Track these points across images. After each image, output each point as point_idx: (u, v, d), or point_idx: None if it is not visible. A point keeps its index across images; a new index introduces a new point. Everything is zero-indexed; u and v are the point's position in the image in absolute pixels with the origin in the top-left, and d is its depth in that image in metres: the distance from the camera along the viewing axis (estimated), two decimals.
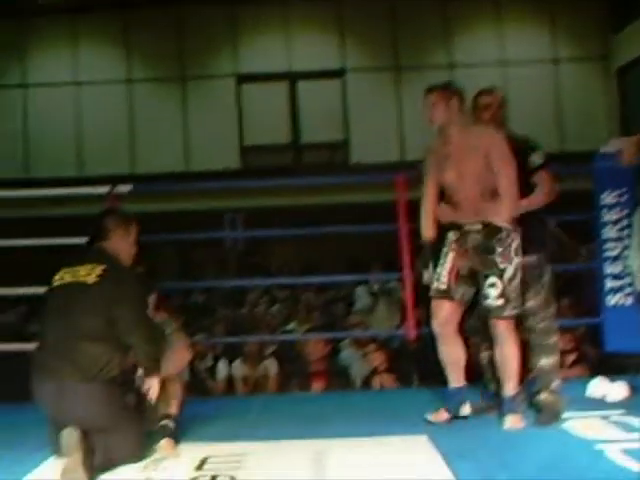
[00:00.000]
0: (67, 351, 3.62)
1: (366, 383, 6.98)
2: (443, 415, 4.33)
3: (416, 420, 4.32)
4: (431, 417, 4.33)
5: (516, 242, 4.22)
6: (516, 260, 4.21)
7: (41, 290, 4.06)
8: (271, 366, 7.62)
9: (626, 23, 14.63)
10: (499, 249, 4.17)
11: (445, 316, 4.31)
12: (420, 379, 6.85)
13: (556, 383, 4.42)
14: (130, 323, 3.74)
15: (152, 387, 3.83)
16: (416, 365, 6.97)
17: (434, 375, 4.62)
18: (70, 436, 3.42)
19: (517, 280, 4.22)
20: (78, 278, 3.76)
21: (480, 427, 4.16)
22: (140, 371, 3.82)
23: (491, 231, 4.21)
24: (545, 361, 4.41)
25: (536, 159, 4.48)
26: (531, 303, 4.39)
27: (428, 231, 4.44)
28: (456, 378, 4.37)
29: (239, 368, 7.66)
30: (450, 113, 4.39)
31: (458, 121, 4.37)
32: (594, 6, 15.31)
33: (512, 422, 4.16)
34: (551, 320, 4.47)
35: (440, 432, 4.05)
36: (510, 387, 4.24)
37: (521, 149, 4.41)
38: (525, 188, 4.34)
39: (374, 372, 6.90)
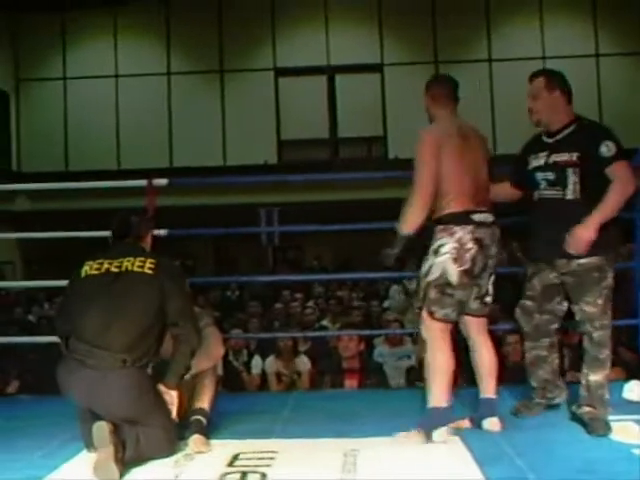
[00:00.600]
0: (112, 337, 3.64)
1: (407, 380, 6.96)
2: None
3: None
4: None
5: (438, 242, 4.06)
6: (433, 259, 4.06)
7: None
8: (304, 363, 7.61)
9: None
10: None
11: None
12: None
13: (605, 397, 4.16)
14: (182, 313, 3.82)
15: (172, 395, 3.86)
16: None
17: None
18: (101, 430, 3.42)
19: (430, 278, 4.05)
20: (129, 268, 3.80)
21: (514, 429, 4.11)
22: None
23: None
24: (594, 377, 4.13)
25: (604, 151, 4.08)
26: (588, 308, 4.14)
27: (414, 225, 4.08)
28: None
29: (272, 364, 7.65)
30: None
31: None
32: (637, 2, 15.12)
33: (492, 424, 4.09)
34: (607, 331, 4.15)
35: (473, 433, 4.01)
36: (492, 389, 4.18)
37: (588, 139, 4.16)
38: (598, 184, 4.07)
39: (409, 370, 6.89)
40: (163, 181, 6.00)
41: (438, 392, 3.98)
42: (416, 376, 6.52)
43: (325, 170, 13.28)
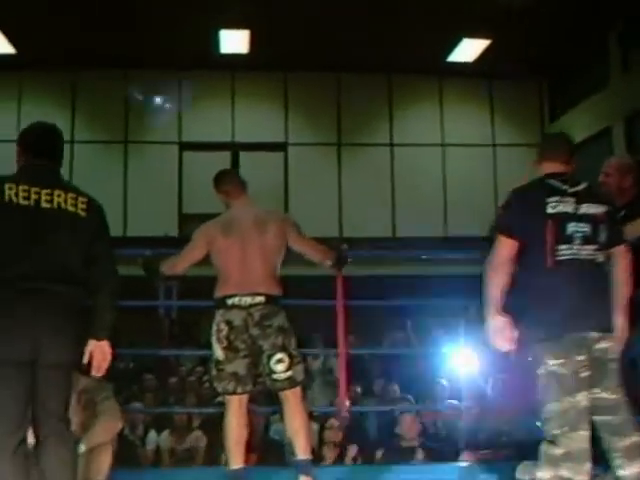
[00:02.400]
0: (48, 271, 3.47)
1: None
2: None
3: None
4: None
5: None
6: None
7: None
8: (198, 438, 7.53)
9: (562, 112, 15.15)
10: None
11: None
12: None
13: None
14: (106, 254, 3.75)
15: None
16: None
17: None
18: None
19: None
20: (62, 206, 3.58)
21: None
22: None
23: None
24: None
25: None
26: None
27: None
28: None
29: (166, 439, 7.56)
30: None
31: None
32: (532, 94, 15.84)
33: None
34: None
35: None
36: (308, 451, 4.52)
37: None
38: None
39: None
40: None
41: (231, 456, 4.49)
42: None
43: None
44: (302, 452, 4.47)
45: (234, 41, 13.49)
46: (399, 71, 15.14)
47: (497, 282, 3.64)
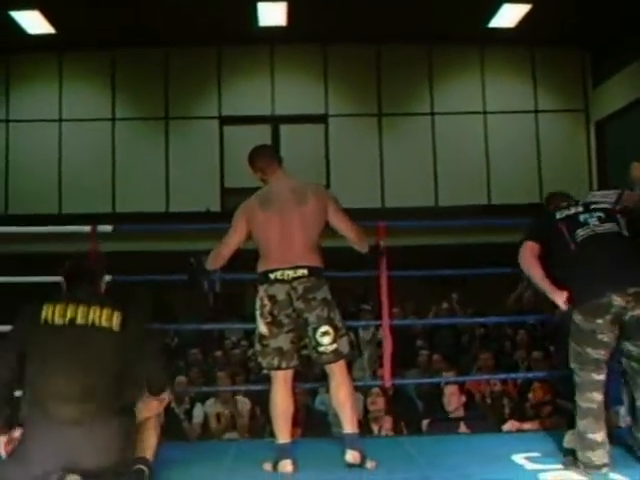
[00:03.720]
0: (86, 392, 3.61)
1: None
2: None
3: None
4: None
5: None
6: None
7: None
8: (243, 403, 7.66)
9: (605, 77, 14.88)
10: None
11: None
12: None
13: None
14: (152, 362, 3.90)
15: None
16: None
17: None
18: None
19: None
20: (96, 322, 3.75)
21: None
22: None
23: None
24: None
25: None
26: None
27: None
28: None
29: (212, 405, 7.71)
30: None
31: None
32: (574, 60, 15.58)
33: (354, 457, 4.34)
34: None
35: None
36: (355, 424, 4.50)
37: None
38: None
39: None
40: (107, 227, 5.99)
41: (278, 430, 4.47)
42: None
43: None
44: (349, 425, 4.45)
45: (272, 14, 13.42)
46: (439, 39, 14.96)
47: (538, 271, 4.43)
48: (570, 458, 4.29)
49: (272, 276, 4.47)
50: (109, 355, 3.71)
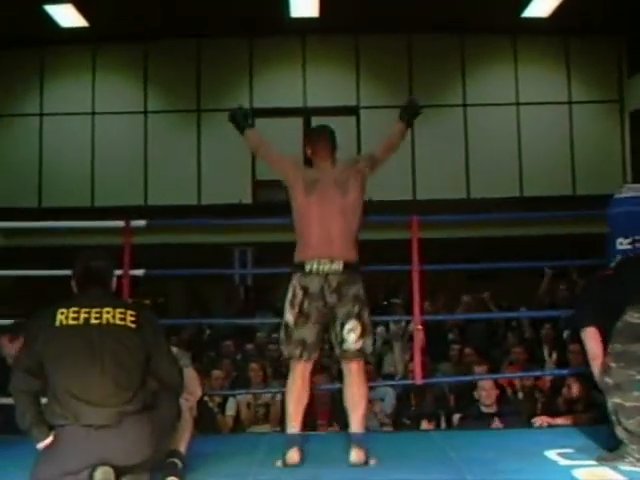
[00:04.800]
0: (111, 393, 3.62)
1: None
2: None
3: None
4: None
5: None
6: None
7: None
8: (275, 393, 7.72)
9: None
10: None
11: None
12: None
13: None
14: (170, 370, 3.89)
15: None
16: None
17: None
18: (107, 474, 3.46)
19: None
20: (110, 321, 3.74)
21: (488, 475, 4.10)
22: None
23: None
24: None
25: None
26: None
27: None
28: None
29: (244, 396, 7.77)
30: None
31: None
32: (609, 50, 15.41)
33: (358, 457, 4.33)
34: None
35: None
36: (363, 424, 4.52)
37: None
38: None
39: None
40: (141, 222, 6.02)
41: (289, 419, 4.51)
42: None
43: None
44: (358, 425, 4.46)
45: (304, 4, 13.39)
46: (471, 30, 14.87)
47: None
48: (607, 453, 4.28)
49: (307, 267, 4.45)
50: (130, 351, 3.71)
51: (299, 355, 4.47)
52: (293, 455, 4.37)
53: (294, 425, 4.49)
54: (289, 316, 4.50)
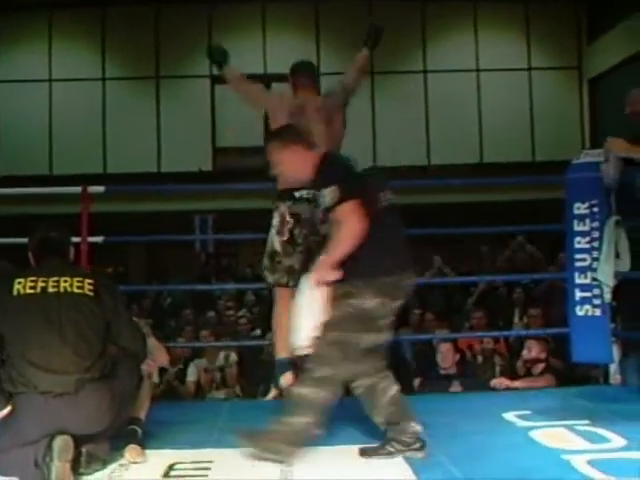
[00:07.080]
0: (70, 360, 3.58)
1: None
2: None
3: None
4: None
5: None
6: None
7: None
8: (231, 356, 7.78)
9: (599, 34, 14.78)
10: None
11: None
12: None
13: None
14: (133, 336, 3.88)
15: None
16: None
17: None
18: (65, 442, 3.41)
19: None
20: (68, 289, 3.70)
21: (446, 438, 4.15)
22: None
23: None
24: None
25: None
26: None
27: None
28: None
29: (201, 362, 7.86)
30: None
31: None
32: (568, 17, 15.47)
33: (287, 380, 4.51)
34: None
35: None
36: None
37: None
38: None
39: None
40: (99, 188, 5.96)
41: (279, 345, 4.59)
42: None
43: (260, 178, 13.23)
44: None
45: None
46: None
47: None
48: None
49: (297, 194, 4.46)
50: (89, 319, 3.68)
51: (286, 282, 4.53)
52: (287, 378, 4.50)
53: (283, 353, 4.54)
54: (276, 244, 4.54)
